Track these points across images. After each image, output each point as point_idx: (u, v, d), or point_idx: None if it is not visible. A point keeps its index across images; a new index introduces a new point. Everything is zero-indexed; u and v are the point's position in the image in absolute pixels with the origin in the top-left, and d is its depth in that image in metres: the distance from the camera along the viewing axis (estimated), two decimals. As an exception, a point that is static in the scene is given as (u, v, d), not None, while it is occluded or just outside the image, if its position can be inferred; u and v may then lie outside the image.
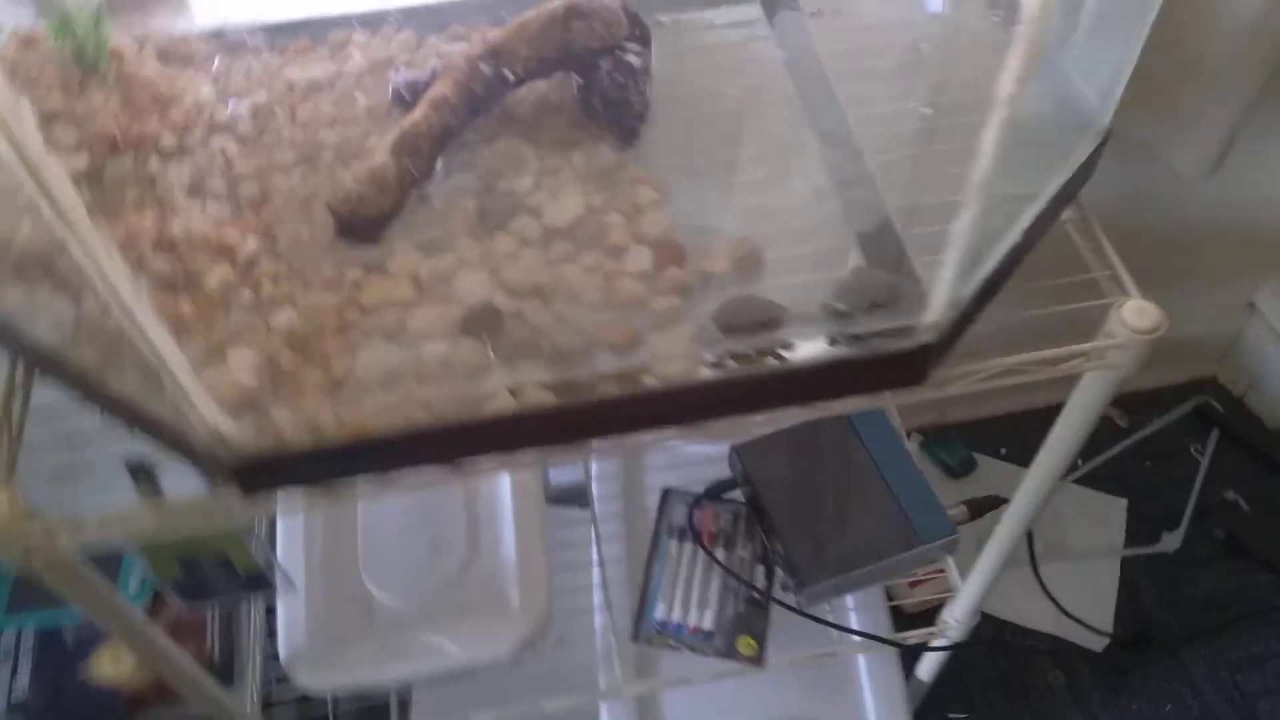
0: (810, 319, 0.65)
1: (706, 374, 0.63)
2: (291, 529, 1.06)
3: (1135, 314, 0.69)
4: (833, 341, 0.64)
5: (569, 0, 0.71)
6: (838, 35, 0.83)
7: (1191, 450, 1.76)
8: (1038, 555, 1.64)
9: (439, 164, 0.71)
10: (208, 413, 0.58)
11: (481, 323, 0.64)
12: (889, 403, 0.67)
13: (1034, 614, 1.62)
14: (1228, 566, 1.63)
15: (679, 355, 0.63)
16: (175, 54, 0.76)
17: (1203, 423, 1.79)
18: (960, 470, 1.73)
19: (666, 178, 0.72)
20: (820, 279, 0.68)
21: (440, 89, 0.70)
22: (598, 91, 0.73)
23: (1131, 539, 1.67)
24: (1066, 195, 0.73)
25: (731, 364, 0.64)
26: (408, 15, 0.82)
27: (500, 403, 0.62)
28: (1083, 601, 1.61)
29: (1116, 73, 0.71)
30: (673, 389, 0.63)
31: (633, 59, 0.73)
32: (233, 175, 0.70)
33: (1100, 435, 1.69)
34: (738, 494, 1.18)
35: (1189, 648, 1.56)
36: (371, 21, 0.82)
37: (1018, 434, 1.74)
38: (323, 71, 0.77)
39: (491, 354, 0.63)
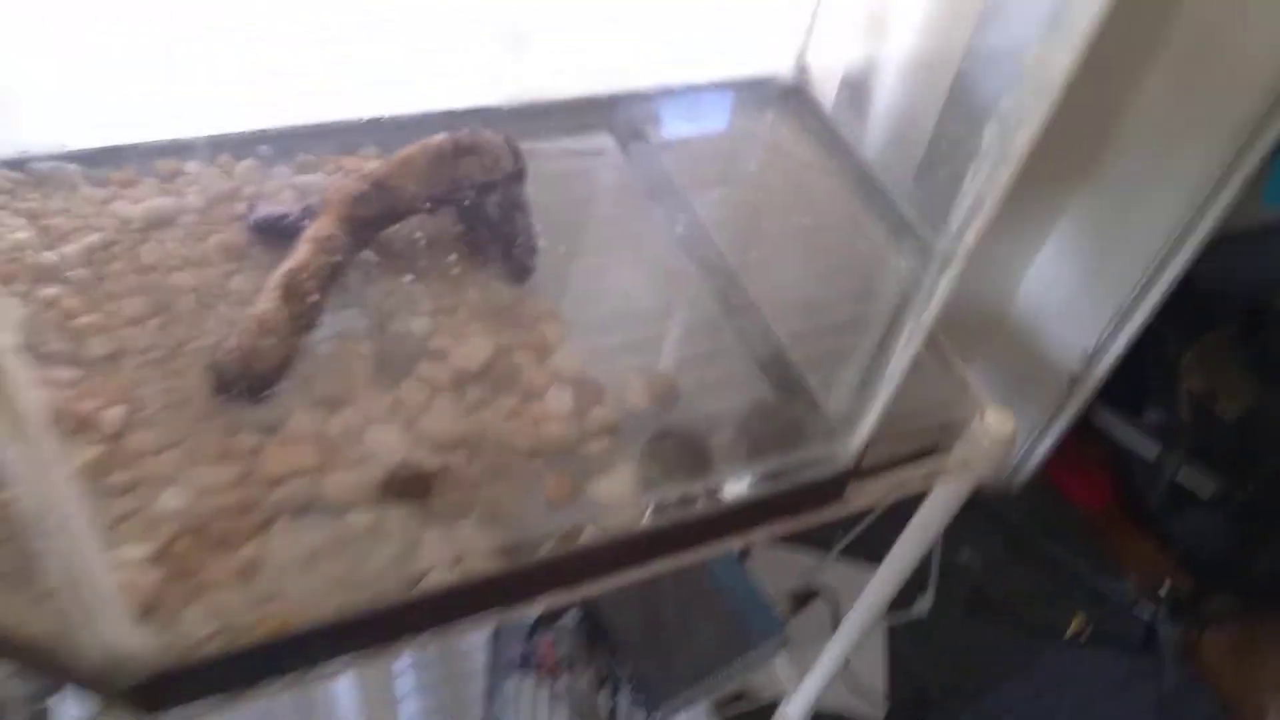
0: (741, 453, 0.65)
1: (649, 519, 0.61)
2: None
3: (996, 422, 0.76)
4: (760, 475, 0.65)
5: (454, 135, 0.68)
6: (688, 162, 0.85)
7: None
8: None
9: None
10: (103, 621, 0.48)
11: (406, 484, 0.59)
12: (809, 524, 0.68)
13: (816, 690, 1.69)
14: (975, 622, 1.80)
15: (623, 504, 0.61)
16: (-28, 188, 0.64)
17: (934, 491, 1.97)
18: (741, 557, 1.79)
19: (563, 311, 0.70)
20: (731, 407, 0.69)
21: (324, 225, 0.64)
22: (487, 226, 0.70)
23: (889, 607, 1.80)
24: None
25: (668, 504, 0.62)
26: (233, 143, 0.75)
27: (439, 575, 0.56)
28: (858, 672, 1.71)
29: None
30: (619, 539, 0.60)
31: (516, 192, 0.71)
32: (75, 331, 0.60)
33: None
34: (570, 616, 1.15)
35: (955, 705, 1.70)
36: (188, 149, 0.74)
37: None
38: (160, 205, 0.68)
39: (422, 519, 0.58)
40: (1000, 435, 0.76)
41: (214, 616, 0.52)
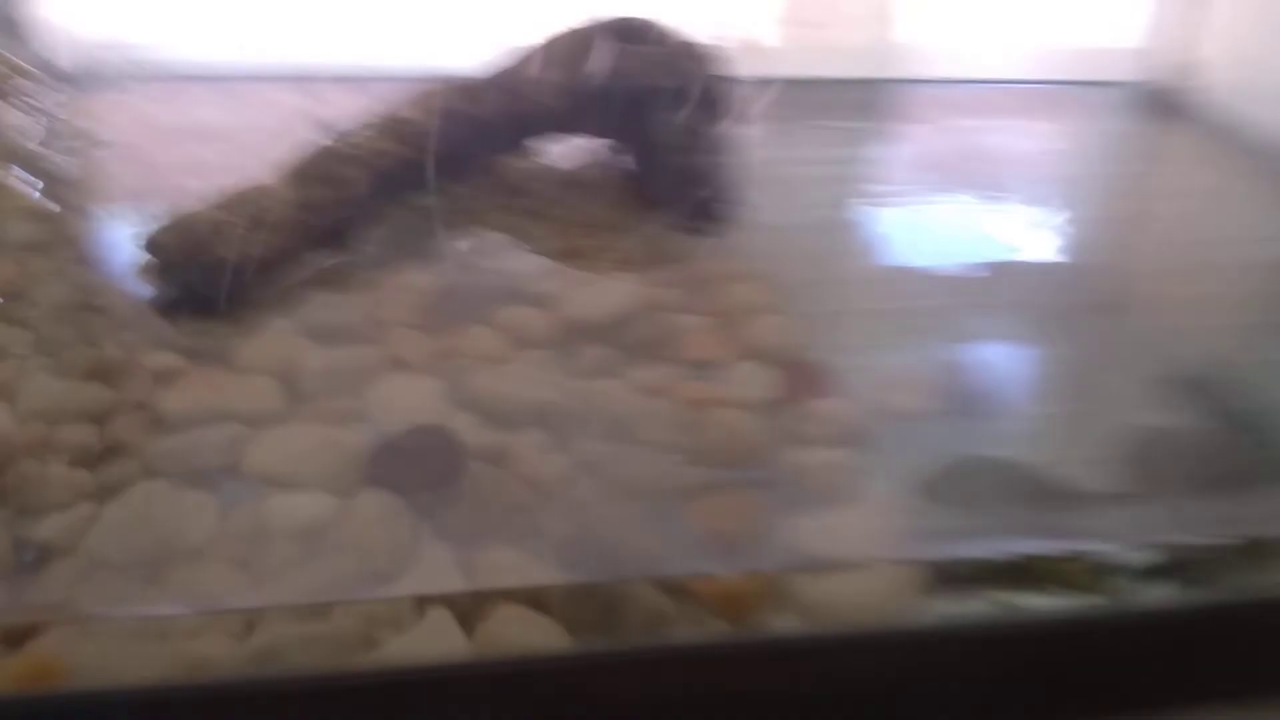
0: (1134, 504, 0.30)
1: (927, 605, 0.27)
2: None
3: None
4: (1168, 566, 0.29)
5: (618, 16, 0.44)
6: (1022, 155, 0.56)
7: None
8: None
9: (369, 219, 0.39)
10: None
11: (409, 464, 0.29)
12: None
13: None
14: None
15: (867, 558, 0.27)
16: None
17: None
18: None
19: (782, 282, 0.40)
20: (1109, 432, 0.34)
21: (402, 112, 0.40)
22: (664, 157, 0.43)
23: None
24: None
25: (974, 584, 0.28)
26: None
27: (419, 639, 0.25)
28: None
29: None
30: (846, 634, 0.26)
31: (713, 122, 0.45)
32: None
33: None
34: None
35: None
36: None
37: None
38: (204, 115, 0.48)
39: (424, 522, 0.27)
40: None
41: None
